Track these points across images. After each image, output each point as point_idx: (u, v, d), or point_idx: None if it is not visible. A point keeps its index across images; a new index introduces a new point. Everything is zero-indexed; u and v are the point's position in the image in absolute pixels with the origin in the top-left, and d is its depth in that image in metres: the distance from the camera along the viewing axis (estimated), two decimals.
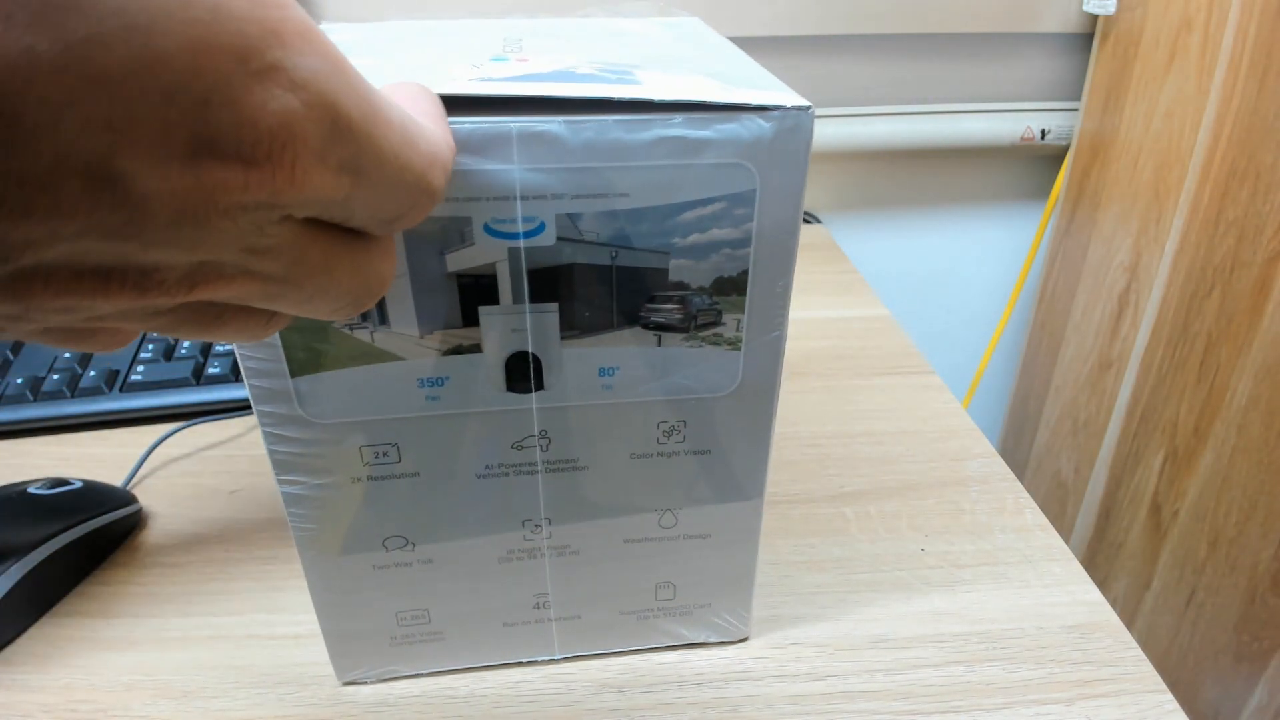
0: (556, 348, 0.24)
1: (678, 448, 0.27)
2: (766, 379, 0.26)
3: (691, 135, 0.21)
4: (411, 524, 0.27)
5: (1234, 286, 0.63)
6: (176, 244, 0.12)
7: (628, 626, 0.32)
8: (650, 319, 0.24)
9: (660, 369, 0.25)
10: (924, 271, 0.91)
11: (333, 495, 0.26)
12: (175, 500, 0.41)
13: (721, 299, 0.24)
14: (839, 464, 0.43)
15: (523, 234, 0.22)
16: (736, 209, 0.22)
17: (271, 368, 0.23)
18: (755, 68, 0.25)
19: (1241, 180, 0.61)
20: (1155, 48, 0.68)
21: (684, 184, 0.22)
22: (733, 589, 0.31)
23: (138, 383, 0.46)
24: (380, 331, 0.23)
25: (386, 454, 0.26)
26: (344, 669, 0.31)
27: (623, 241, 0.23)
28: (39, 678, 0.31)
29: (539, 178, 0.21)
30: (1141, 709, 0.30)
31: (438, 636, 0.30)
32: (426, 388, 0.24)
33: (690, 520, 0.29)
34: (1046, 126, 0.81)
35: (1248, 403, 0.63)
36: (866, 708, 0.30)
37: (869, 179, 0.85)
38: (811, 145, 0.22)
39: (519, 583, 0.29)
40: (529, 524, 0.28)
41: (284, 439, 0.25)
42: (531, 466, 0.27)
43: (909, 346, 0.54)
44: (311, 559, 0.28)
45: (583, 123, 0.20)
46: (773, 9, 0.72)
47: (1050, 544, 0.38)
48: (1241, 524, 0.66)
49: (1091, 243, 0.78)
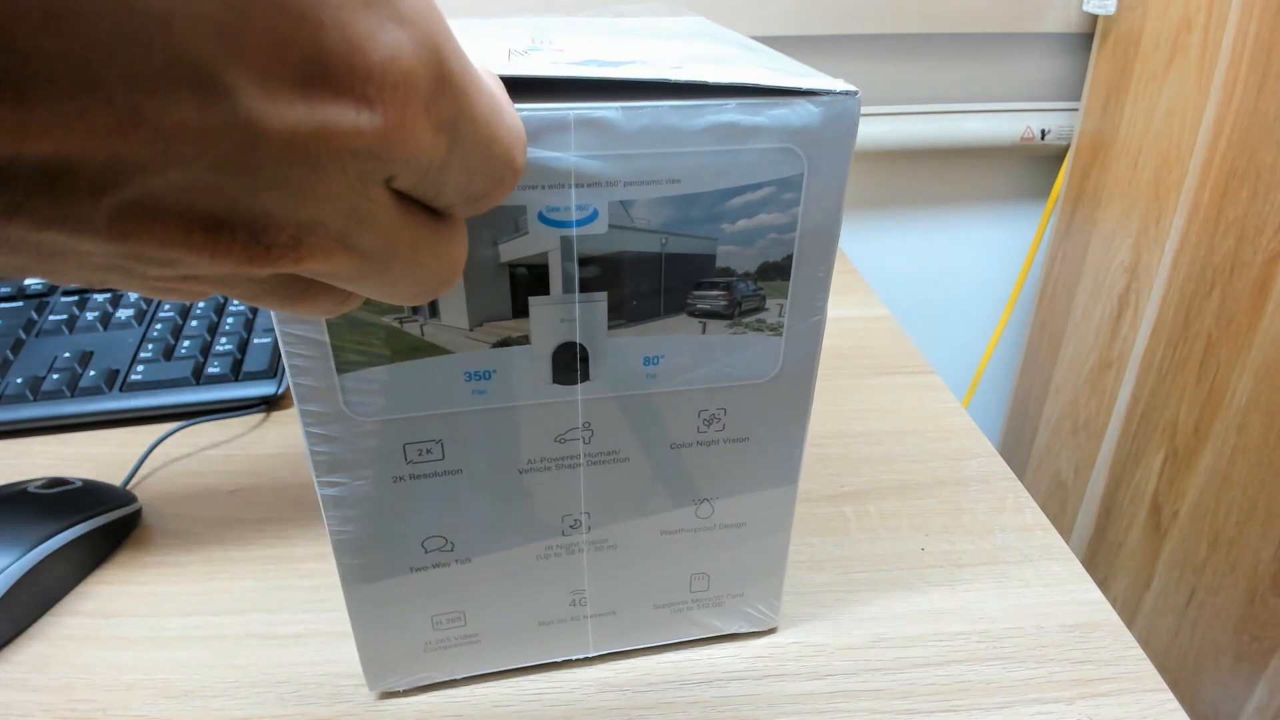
0: (604, 337, 0.24)
1: (717, 436, 0.27)
2: (806, 364, 0.26)
3: (744, 121, 0.21)
4: (451, 523, 0.27)
5: (1234, 286, 0.63)
6: (286, 187, 0.12)
7: (661, 620, 0.32)
8: (696, 306, 0.24)
9: (704, 357, 0.25)
10: (924, 271, 0.91)
11: (374, 494, 0.26)
12: (175, 500, 0.41)
13: (765, 284, 0.24)
14: (839, 464, 0.43)
15: (575, 222, 0.22)
16: (784, 194, 0.23)
17: (317, 365, 0.23)
18: (785, 58, 0.25)
19: (1241, 180, 0.61)
20: (1155, 48, 0.68)
21: (734, 169, 0.22)
22: (765, 578, 0.31)
23: (138, 382, 0.46)
24: (431, 324, 0.23)
25: (430, 450, 0.25)
26: (377, 678, 0.30)
27: (673, 228, 0.23)
28: (39, 677, 0.31)
29: (594, 164, 0.21)
30: (1141, 708, 0.30)
31: (473, 639, 0.30)
32: (473, 381, 0.24)
33: (726, 509, 0.29)
34: (1046, 126, 0.81)
35: (1248, 403, 0.63)
36: (866, 707, 0.30)
37: (869, 179, 0.85)
38: (857, 130, 0.22)
39: (556, 580, 0.29)
40: (568, 519, 0.28)
41: (326, 439, 0.24)
42: (574, 460, 0.26)
43: (909, 346, 0.54)
44: (347, 562, 0.27)
45: (639, 109, 0.20)
46: (773, 9, 0.72)
47: (1050, 543, 0.38)
48: (1241, 524, 0.66)
49: (1091, 243, 0.78)
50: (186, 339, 0.50)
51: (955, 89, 0.79)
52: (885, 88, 0.78)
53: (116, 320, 0.51)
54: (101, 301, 0.52)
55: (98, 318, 0.51)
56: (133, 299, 0.53)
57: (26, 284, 0.55)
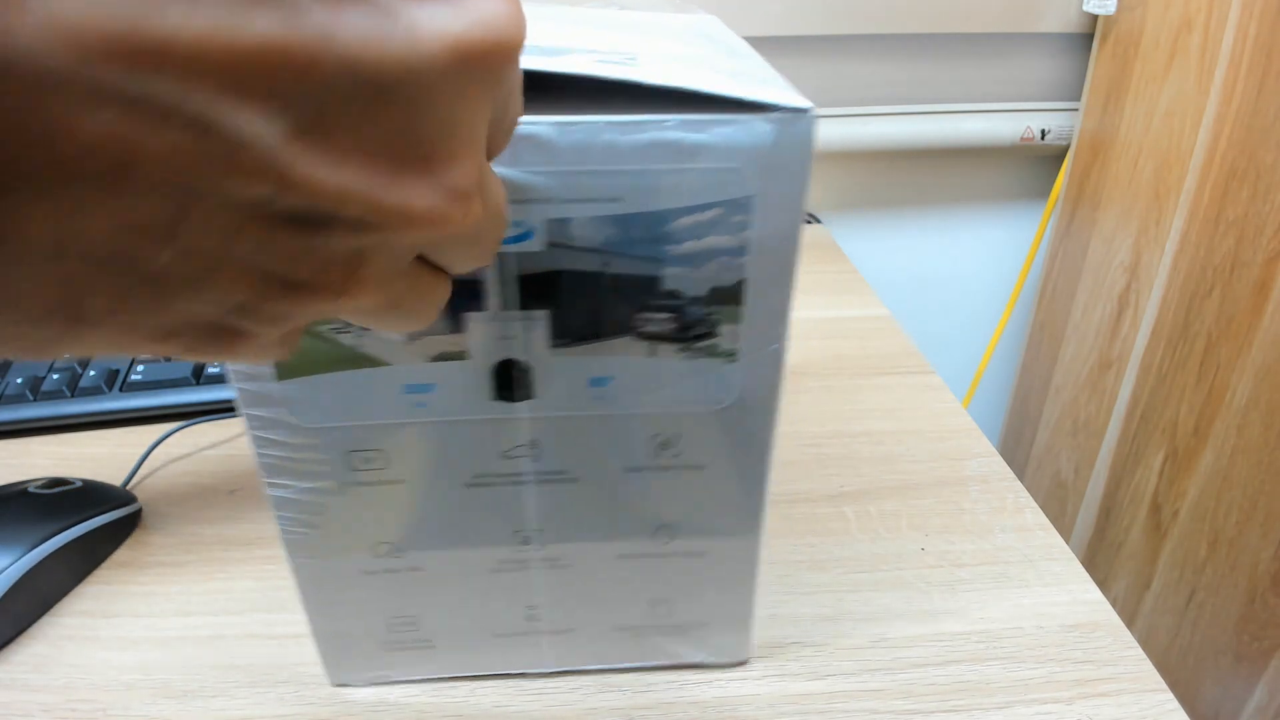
0: (547, 356, 0.23)
1: (672, 462, 0.26)
2: (765, 394, 0.25)
3: (687, 139, 0.20)
4: (400, 531, 0.27)
5: (1234, 286, 0.63)
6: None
7: (623, 643, 0.31)
8: (643, 328, 0.23)
9: (653, 381, 0.24)
10: (924, 271, 0.91)
11: (320, 500, 0.26)
12: (175, 500, 0.41)
13: (718, 309, 0.23)
14: (839, 464, 0.43)
15: (511, 239, 0.21)
16: (733, 216, 0.21)
17: (258, 371, 0.23)
18: (765, 67, 0.24)
19: (1241, 180, 0.61)
20: (1155, 48, 0.68)
21: (678, 189, 0.21)
22: (731, 609, 0.30)
23: (138, 382, 0.46)
24: (367, 336, 0.23)
25: (373, 460, 0.25)
26: (335, 672, 0.31)
27: (615, 248, 0.22)
28: (39, 678, 0.31)
29: (526, 180, 0.20)
30: (1141, 708, 0.30)
31: (428, 644, 0.30)
32: (413, 394, 0.24)
33: (685, 537, 0.28)
34: (1046, 126, 0.81)
35: (1248, 403, 0.63)
36: (866, 707, 0.30)
37: (869, 179, 0.85)
38: (814, 151, 0.21)
39: (509, 594, 0.29)
40: (519, 535, 0.27)
41: (271, 443, 0.24)
42: (522, 476, 0.26)
43: (909, 346, 0.54)
44: (299, 563, 0.27)
45: (573, 124, 0.20)
46: (773, 9, 0.72)
47: (1050, 544, 0.38)
48: (1241, 524, 0.66)
49: (1091, 243, 0.78)
50: None
51: (955, 89, 0.79)
52: (885, 88, 0.78)
53: None
54: None
55: None
56: None
57: None
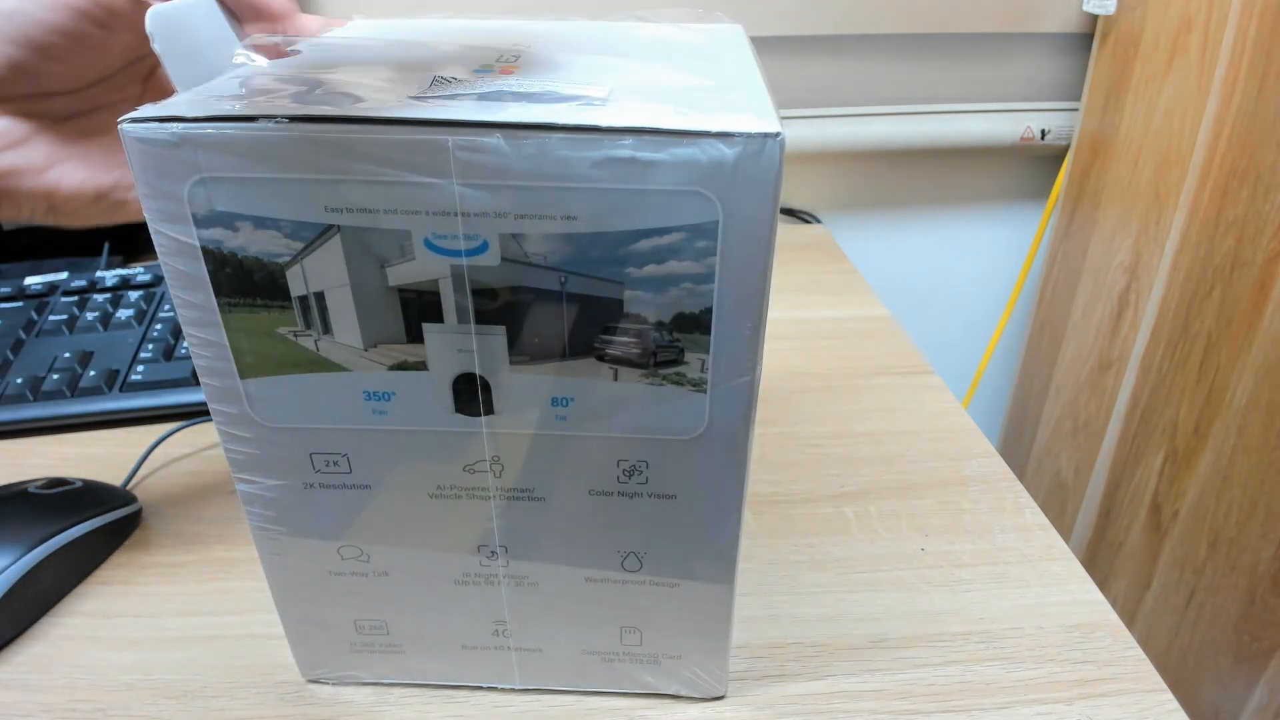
0: (506, 372, 0.23)
1: (640, 489, 0.26)
2: (736, 425, 0.24)
3: (642, 157, 0.20)
4: (365, 535, 0.27)
5: (1234, 286, 0.63)
6: None
7: (592, 667, 0.30)
8: (606, 351, 0.23)
9: (618, 404, 0.24)
10: (924, 271, 0.91)
11: (285, 498, 0.26)
12: (175, 500, 0.41)
13: (684, 336, 0.22)
14: (839, 464, 0.43)
15: (465, 252, 0.21)
16: (697, 241, 0.21)
17: (222, 367, 0.23)
18: (755, 87, 0.23)
19: (1241, 180, 0.61)
20: (1155, 48, 0.68)
21: (637, 210, 0.20)
22: (705, 643, 0.29)
23: (138, 383, 0.46)
24: (325, 340, 0.23)
25: (336, 463, 0.25)
26: (307, 666, 0.31)
27: (573, 267, 0.21)
28: (39, 678, 0.31)
29: (481, 194, 0.20)
30: (1141, 709, 0.30)
31: (396, 649, 0.30)
32: (373, 401, 0.24)
33: (656, 566, 0.27)
34: (1046, 126, 0.80)
35: (1248, 403, 0.63)
36: (866, 707, 0.30)
37: (869, 179, 0.85)
38: (782, 175, 0.20)
39: (476, 607, 0.29)
40: (484, 549, 0.27)
41: (237, 438, 0.25)
42: (484, 491, 0.26)
43: (909, 346, 0.54)
44: (269, 557, 0.27)
45: (525, 139, 0.19)
46: (774, 9, 0.72)
47: (1050, 544, 0.38)
48: (1241, 524, 0.66)
49: (1091, 243, 0.78)
50: None
51: (955, 89, 0.79)
52: (885, 88, 0.78)
53: (116, 320, 0.51)
54: (101, 302, 0.52)
55: (98, 318, 0.51)
56: (133, 298, 0.53)
57: (26, 284, 0.55)
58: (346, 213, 0.21)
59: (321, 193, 0.20)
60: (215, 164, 0.20)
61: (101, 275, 0.55)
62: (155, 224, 0.21)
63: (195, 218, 0.21)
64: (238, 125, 0.19)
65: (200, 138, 0.20)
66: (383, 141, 0.19)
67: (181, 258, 0.21)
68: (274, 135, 0.19)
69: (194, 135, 0.20)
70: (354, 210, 0.21)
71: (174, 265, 0.22)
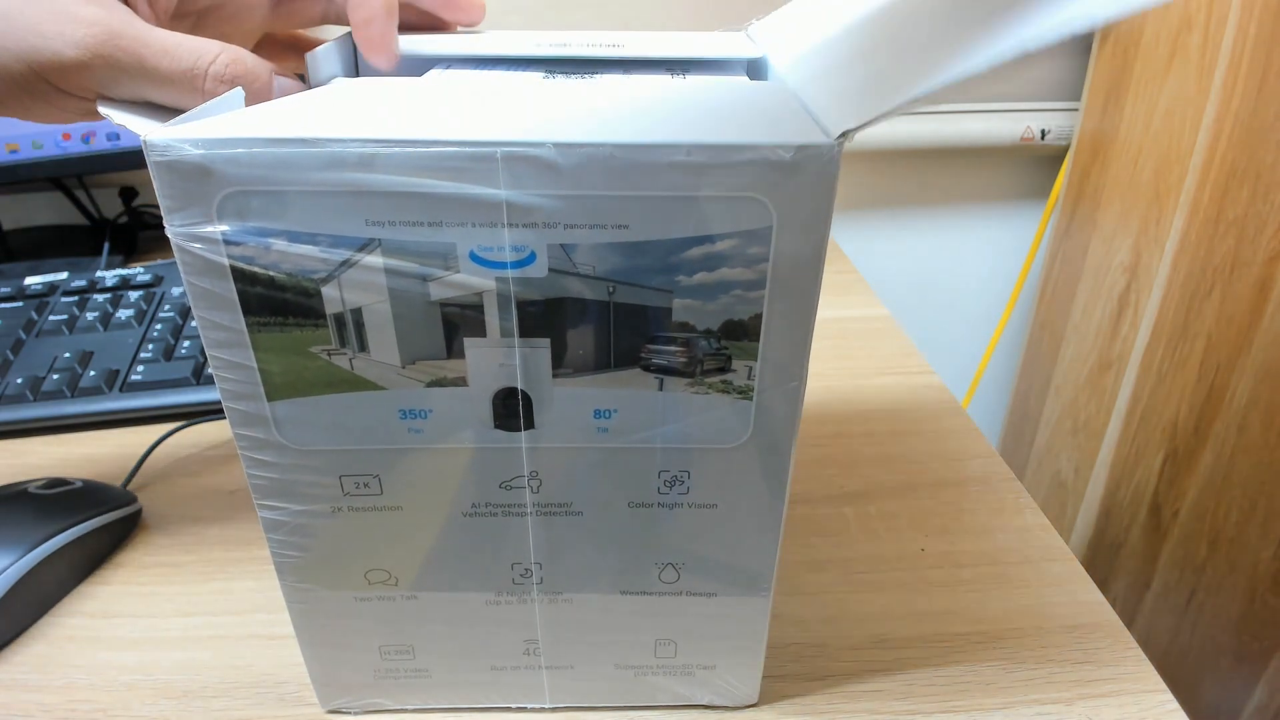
0: (548, 385, 0.23)
1: (680, 499, 0.25)
2: (781, 432, 0.24)
3: (698, 163, 0.19)
4: (394, 558, 0.26)
5: (1234, 286, 0.63)
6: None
7: (624, 682, 0.30)
8: (652, 361, 0.22)
9: (661, 415, 0.23)
10: (924, 271, 0.91)
11: (312, 524, 0.25)
12: (175, 500, 0.41)
13: (732, 344, 0.22)
14: (839, 464, 0.43)
15: (511, 264, 0.21)
16: (750, 248, 0.20)
17: (249, 390, 0.22)
18: (814, 91, 0.23)
19: (1241, 180, 0.61)
20: (1155, 48, 0.68)
21: (690, 217, 0.20)
22: (740, 652, 0.29)
23: (138, 383, 0.46)
24: (360, 359, 0.22)
25: (368, 485, 0.25)
26: (328, 697, 0.30)
27: (622, 276, 0.21)
28: (39, 678, 0.31)
29: (529, 204, 0.20)
30: (1141, 709, 0.30)
31: (423, 674, 0.29)
32: (409, 420, 0.23)
33: (694, 577, 0.27)
34: (1046, 126, 0.81)
35: (1248, 403, 0.63)
36: (866, 707, 0.30)
37: (869, 179, 0.85)
38: (837, 182, 0.20)
39: (507, 627, 0.28)
40: (518, 567, 0.26)
41: (262, 464, 0.24)
42: (521, 508, 0.25)
43: (909, 346, 0.54)
44: (291, 587, 0.27)
45: (576, 147, 0.19)
46: None
47: (1050, 544, 0.38)
48: (1241, 524, 0.66)
49: (1091, 243, 0.78)
50: (186, 339, 0.50)
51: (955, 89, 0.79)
52: None
53: (116, 320, 0.51)
54: (102, 302, 0.52)
55: (98, 318, 0.51)
56: (133, 298, 0.53)
57: (26, 284, 0.55)
58: (389, 226, 0.20)
59: (363, 206, 0.20)
60: (248, 179, 0.19)
61: (101, 275, 0.55)
62: (180, 240, 0.20)
63: (224, 235, 0.20)
64: (271, 144, 0.19)
65: (231, 157, 0.19)
66: (430, 155, 0.19)
67: (208, 276, 0.21)
68: (316, 155, 0.19)
69: (223, 155, 0.19)
70: (397, 223, 0.20)
71: (199, 284, 0.21)
